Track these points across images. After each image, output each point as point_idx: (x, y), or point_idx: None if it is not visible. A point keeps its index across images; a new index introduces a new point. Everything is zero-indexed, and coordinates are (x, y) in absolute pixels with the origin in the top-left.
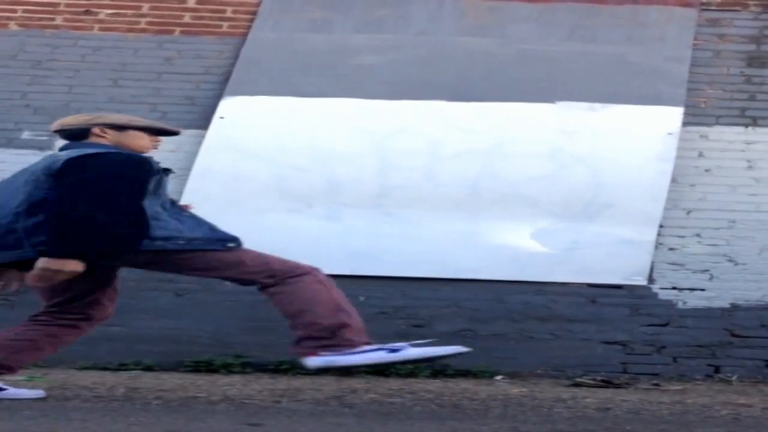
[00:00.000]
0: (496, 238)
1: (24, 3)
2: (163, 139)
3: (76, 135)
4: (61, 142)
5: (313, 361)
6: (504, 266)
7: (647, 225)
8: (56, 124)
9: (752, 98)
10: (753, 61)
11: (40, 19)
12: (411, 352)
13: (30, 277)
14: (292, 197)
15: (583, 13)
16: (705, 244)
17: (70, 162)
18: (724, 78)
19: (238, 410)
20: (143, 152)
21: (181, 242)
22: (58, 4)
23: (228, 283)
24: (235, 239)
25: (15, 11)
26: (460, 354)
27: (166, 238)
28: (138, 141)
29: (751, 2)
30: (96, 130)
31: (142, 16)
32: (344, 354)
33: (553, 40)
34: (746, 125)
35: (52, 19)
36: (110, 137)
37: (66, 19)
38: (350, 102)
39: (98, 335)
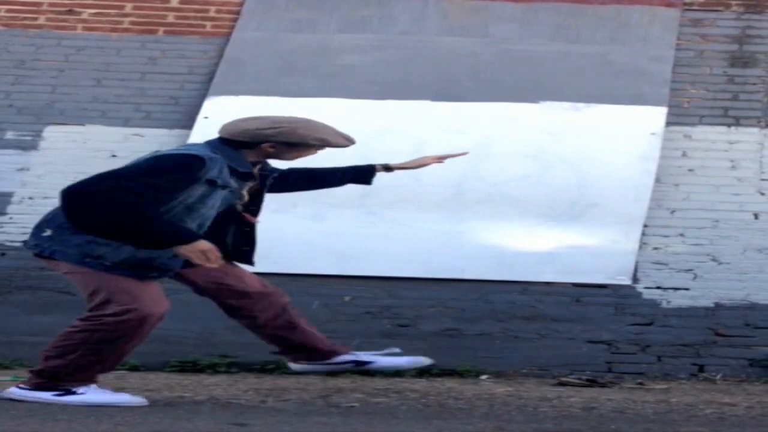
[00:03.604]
0: (481, 238)
1: (6, 2)
2: (147, 139)
3: (241, 144)
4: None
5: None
6: (489, 266)
7: (631, 225)
8: (228, 131)
9: (735, 98)
10: (736, 61)
11: (23, 18)
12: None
13: None
14: (276, 197)
15: (566, 13)
16: (689, 243)
17: None
18: (707, 78)
19: (223, 410)
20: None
21: (107, 264)
22: (41, 4)
23: None
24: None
25: None
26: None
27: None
28: (301, 154)
29: (734, 2)
30: (266, 147)
31: (126, 15)
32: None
33: (537, 40)
34: (729, 125)
35: (35, 19)
36: (278, 152)
37: (49, 19)
38: (334, 102)
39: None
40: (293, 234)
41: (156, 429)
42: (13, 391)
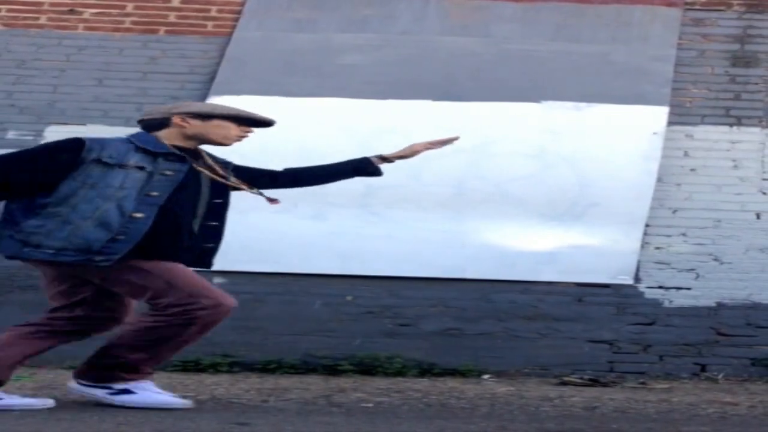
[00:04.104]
0: (483, 238)
1: (8, 2)
2: None
3: (154, 126)
4: None
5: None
6: (490, 265)
7: (633, 224)
8: (141, 115)
9: (737, 98)
10: (737, 60)
11: (25, 18)
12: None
13: None
14: (278, 197)
15: (567, 13)
16: (691, 243)
17: None
18: (709, 77)
19: (225, 409)
20: (227, 143)
21: (49, 252)
22: (42, 3)
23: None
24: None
25: None
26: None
27: (36, 246)
28: (222, 131)
29: (735, 2)
30: (176, 119)
31: (127, 15)
32: None
33: (538, 40)
34: (731, 125)
35: (37, 19)
36: (193, 127)
37: (50, 19)
38: (335, 101)
39: None
40: (295, 234)
41: (158, 428)
42: (72, 386)
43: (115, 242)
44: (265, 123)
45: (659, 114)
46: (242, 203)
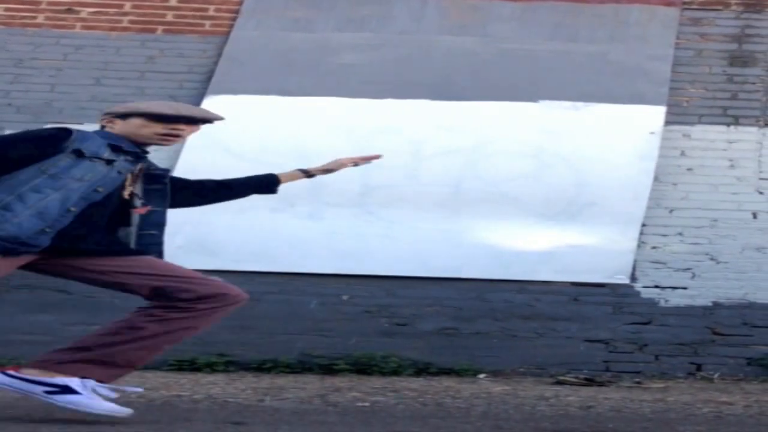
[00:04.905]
0: (479, 237)
1: (5, 1)
2: None
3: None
4: None
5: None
6: (487, 265)
7: (630, 224)
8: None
9: (734, 97)
10: (735, 60)
11: (22, 17)
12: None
13: None
14: (274, 196)
15: (565, 12)
16: (687, 242)
17: None
18: (707, 77)
19: (221, 409)
20: (153, 143)
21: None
22: (40, 2)
23: None
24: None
25: None
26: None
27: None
28: (144, 129)
29: (733, 1)
30: (103, 120)
31: (125, 14)
32: None
33: (536, 39)
34: (728, 124)
35: (34, 18)
36: (118, 127)
37: (48, 18)
38: (333, 101)
39: (81, 335)
40: (291, 233)
41: (154, 428)
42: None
43: (42, 234)
44: (193, 120)
45: (656, 113)
46: (237, 203)
